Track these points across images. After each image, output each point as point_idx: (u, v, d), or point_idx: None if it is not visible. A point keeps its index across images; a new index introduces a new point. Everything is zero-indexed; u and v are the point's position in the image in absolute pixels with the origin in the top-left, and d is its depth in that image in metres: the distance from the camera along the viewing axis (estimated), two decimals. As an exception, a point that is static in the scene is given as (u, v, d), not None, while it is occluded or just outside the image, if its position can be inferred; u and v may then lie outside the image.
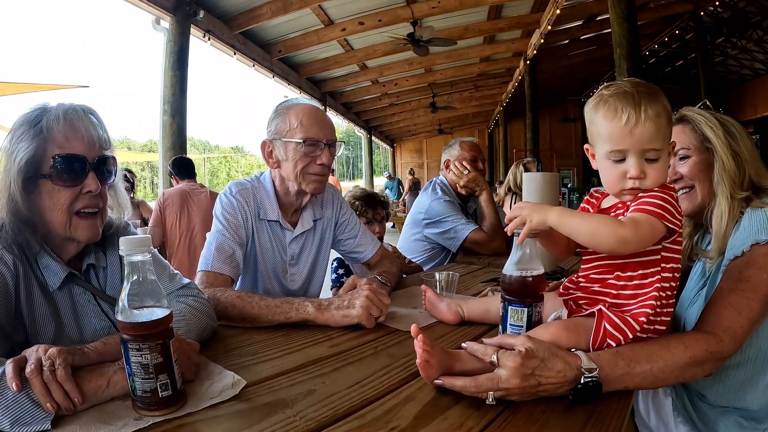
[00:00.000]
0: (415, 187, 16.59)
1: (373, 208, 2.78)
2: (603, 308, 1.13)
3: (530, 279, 1.18)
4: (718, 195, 1.47)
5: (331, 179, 14.86)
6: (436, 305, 1.63)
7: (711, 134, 1.50)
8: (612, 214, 1.20)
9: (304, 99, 1.98)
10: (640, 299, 1.13)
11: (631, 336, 1.10)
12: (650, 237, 1.08)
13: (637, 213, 1.10)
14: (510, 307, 1.20)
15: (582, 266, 1.26)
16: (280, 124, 1.89)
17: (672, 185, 1.19)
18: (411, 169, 21.43)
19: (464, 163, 3.23)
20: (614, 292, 1.16)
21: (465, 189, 3.21)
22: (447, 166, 3.38)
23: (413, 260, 3.23)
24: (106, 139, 1.30)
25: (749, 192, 1.44)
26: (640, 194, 1.14)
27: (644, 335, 1.13)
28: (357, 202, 2.74)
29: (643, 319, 1.10)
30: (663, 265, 1.13)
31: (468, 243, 3.06)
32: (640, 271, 1.13)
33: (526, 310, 1.18)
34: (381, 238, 2.73)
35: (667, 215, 1.08)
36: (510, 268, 1.20)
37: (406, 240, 3.35)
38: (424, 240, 3.24)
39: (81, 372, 0.98)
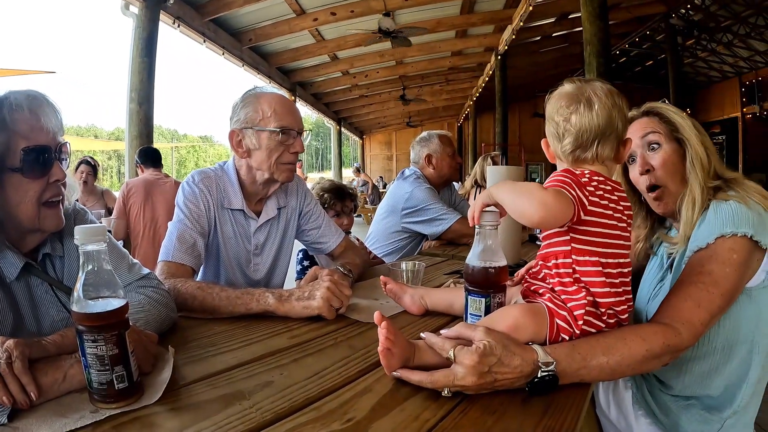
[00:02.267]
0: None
1: (341, 200, 2.79)
2: (549, 303, 1.14)
3: (491, 270, 1.19)
4: (690, 182, 1.47)
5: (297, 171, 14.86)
6: (400, 296, 1.61)
7: (682, 122, 1.51)
8: None
9: (271, 88, 1.97)
10: (570, 295, 1.14)
11: (578, 332, 1.11)
12: (566, 207, 1.07)
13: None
14: (470, 297, 1.21)
15: None
16: (251, 113, 1.87)
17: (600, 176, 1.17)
18: (357, 165, 21.43)
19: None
20: (544, 284, 1.18)
21: None
22: (429, 161, 3.39)
23: (384, 249, 3.25)
24: (62, 125, 1.27)
25: (719, 181, 1.45)
26: None
27: (598, 330, 1.14)
28: (326, 195, 2.74)
29: (580, 322, 1.11)
30: (575, 257, 1.13)
31: (451, 231, 3.11)
32: (551, 261, 1.16)
33: (484, 300, 1.19)
34: (348, 231, 2.74)
35: (567, 188, 1.08)
36: (472, 259, 1.21)
37: (379, 228, 3.35)
38: (400, 230, 3.26)
39: (37, 365, 0.96)
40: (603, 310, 1.13)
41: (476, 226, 1.20)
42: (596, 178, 1.14)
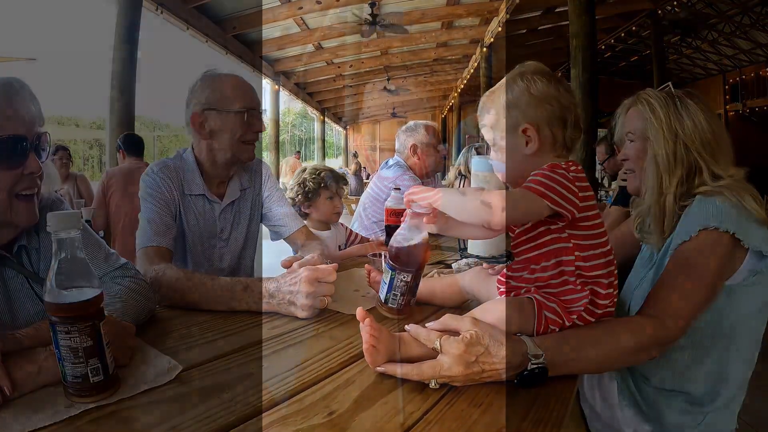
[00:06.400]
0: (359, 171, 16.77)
1: (337, 182, 2.85)
2: (536, 296, 1.13)
3: (404, 248, 1.27)
4: (646, 184, 1.54)
5: (292, 160, 14.61)
6: None
7: (654, 121, 1.52)
8: None
9: (227, 69, 1.97)
10: (564, 294, 1.14)
11: (568, 324, 1.11)
12: (525, 208, 1.08)
13: (518, 189, 1.11)
14: (384, 266, 1.33)
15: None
16: (211, 94, 1.87)
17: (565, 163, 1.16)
18: (355, 152, 21.49)
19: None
20: (532, 287, 1.17)
21: None
22: (414, 151, 3.38)
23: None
24: (40, 114, 1.22)
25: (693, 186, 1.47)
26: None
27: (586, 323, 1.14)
28: (324, 174, 2.82)
29: (574, 316, 1.11)
30: (578, 252, 1.13)
31: None
32: (552, 260, 1.14)
33: (390, 273, 1.31)
34: (339, 214, 2.83)
35: (549, 192, 1.07)
36: (395, 238, 1.28)
37: (362, 218, 3.33)
38: (382, 220, 3.23)
39: (11, 358, 0.93)
40: (599, 311, 1.13)
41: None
42: (578, 172, 1.14)
